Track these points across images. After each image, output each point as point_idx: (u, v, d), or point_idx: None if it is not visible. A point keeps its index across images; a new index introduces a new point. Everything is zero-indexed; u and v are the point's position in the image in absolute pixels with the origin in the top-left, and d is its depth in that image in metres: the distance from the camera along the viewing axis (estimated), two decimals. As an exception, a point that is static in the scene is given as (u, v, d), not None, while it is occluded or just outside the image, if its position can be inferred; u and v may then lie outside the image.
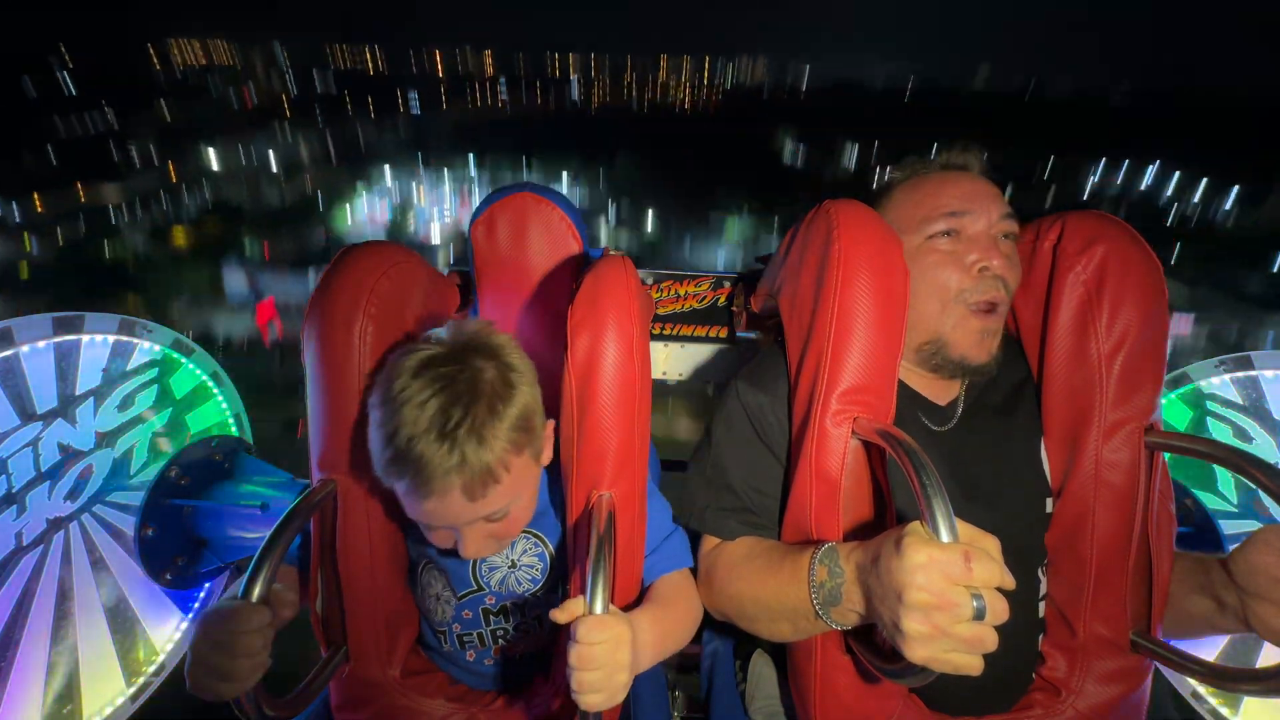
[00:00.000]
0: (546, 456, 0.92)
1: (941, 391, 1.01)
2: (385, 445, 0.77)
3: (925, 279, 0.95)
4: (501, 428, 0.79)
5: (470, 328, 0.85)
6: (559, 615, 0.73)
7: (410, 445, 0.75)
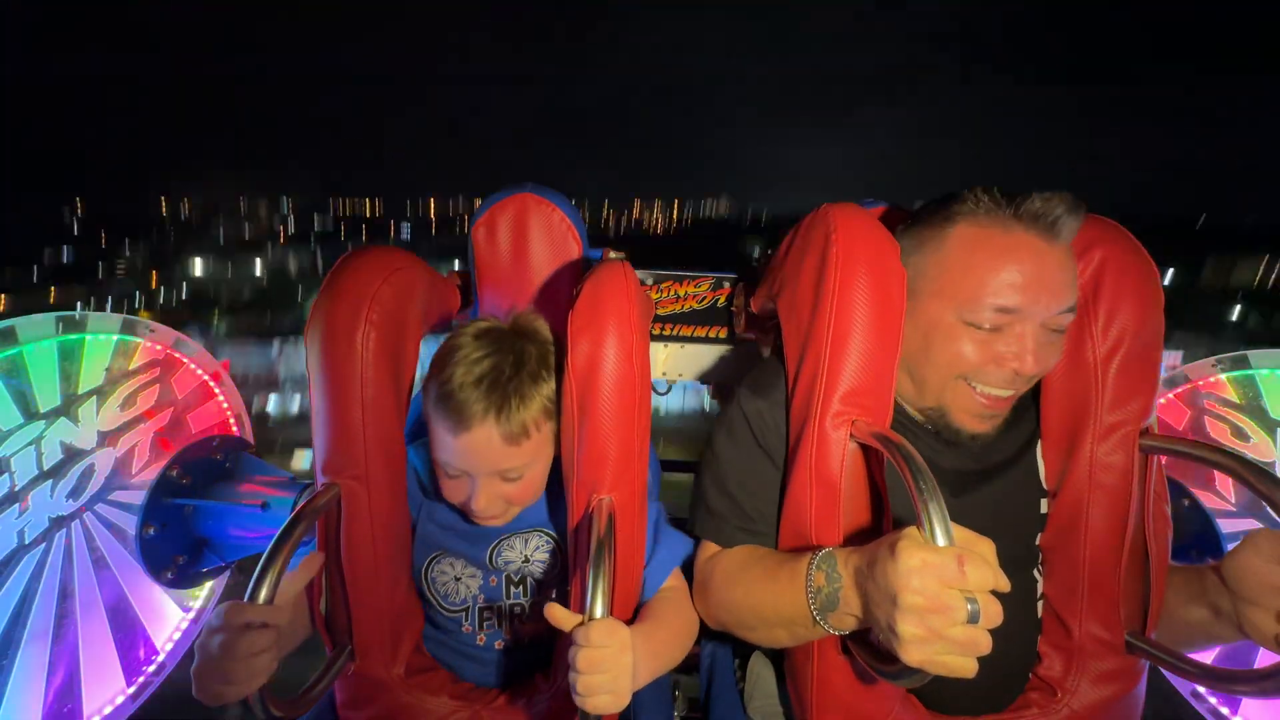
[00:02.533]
0: (553, 450, 0.97)
1: None
2: (441, 386, 0.89)
3: (944, 349, 0.87)
4: (538, 393, 0.92)
5: (524, 318, 0.99)
6: (563, 622, 0.73)
7: (462, 387, 0.87)
